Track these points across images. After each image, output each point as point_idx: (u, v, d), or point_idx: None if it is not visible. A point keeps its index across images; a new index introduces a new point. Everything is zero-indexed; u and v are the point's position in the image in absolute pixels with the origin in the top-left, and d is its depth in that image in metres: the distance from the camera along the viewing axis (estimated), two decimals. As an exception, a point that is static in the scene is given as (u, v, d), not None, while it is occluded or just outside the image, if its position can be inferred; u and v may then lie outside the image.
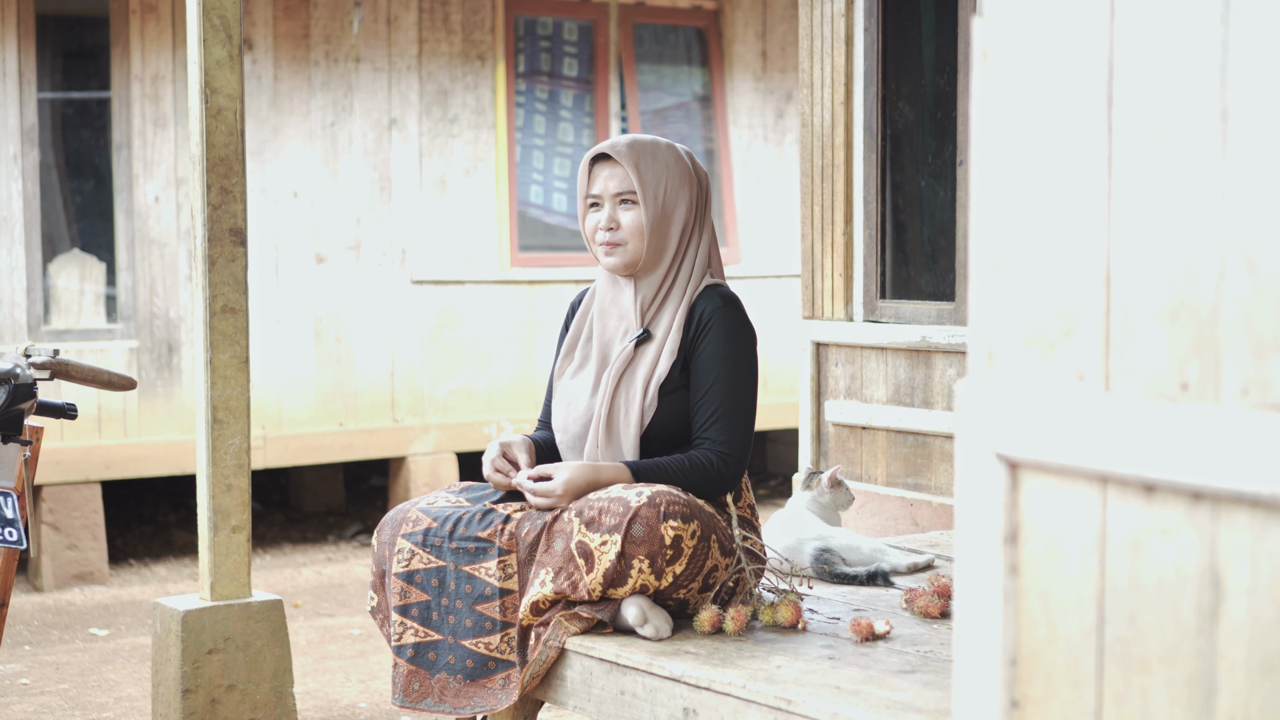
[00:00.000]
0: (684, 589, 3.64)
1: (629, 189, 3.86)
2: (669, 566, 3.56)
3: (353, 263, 9.07)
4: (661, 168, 3.88)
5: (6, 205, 8.22)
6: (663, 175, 3.88)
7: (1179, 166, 1.77)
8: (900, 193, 6.04)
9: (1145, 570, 1.80)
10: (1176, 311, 1.77)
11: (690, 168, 3.94)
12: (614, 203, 3.88)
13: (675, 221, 3.89)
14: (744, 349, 3.83)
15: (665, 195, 3.87)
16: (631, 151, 3.87)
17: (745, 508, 3.86)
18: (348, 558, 8.97)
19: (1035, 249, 1.93)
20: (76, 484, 8.28)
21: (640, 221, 3.85)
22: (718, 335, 3.80)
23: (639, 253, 3.86)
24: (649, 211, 3.85)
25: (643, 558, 3.54)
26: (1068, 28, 1.89)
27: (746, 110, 10.32)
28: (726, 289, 3.91)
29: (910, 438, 5.80)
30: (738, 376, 3.80)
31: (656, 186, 3.86)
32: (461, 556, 3.75)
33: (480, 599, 3.73)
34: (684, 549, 3.57)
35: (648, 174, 3.86)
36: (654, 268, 3.90)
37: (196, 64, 4.82)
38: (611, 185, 3.88)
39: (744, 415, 3.80)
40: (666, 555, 3.54)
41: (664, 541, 3.54)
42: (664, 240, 3.88)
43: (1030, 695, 1.93)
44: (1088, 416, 1.82)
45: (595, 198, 3.92)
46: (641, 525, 3.54)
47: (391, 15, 9.16)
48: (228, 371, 4.86)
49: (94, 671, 6.43)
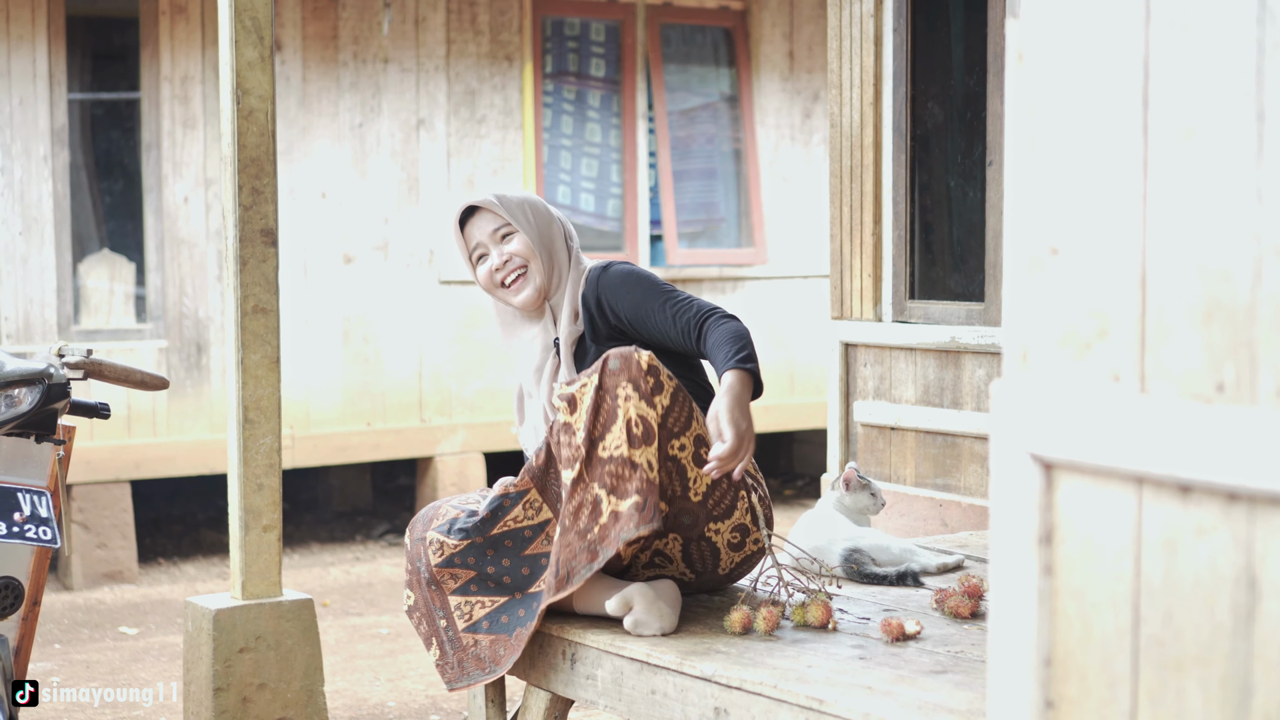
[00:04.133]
0: (678, 440, 3.63)
1: (503, 222, 3.99)
2: (655, 396, 3.58)
3: (381, 263, 9.09)
4: (521, 198, 4.05)
5: (37, 206, 8.26)
6: (525, 203, 4.03)
7: (1214, 167, 1.77)
8: (929, 193, 6.04)
9: (1181, 570, 1.80)
10: (1212, 312, 1.77)
11: (555, 214, 4.10)
12: (496, 240, 4.00)
13: (556, 238, 4.02)
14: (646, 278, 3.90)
15: (535, 216, 4.01)
16: (496, 196, 4.02)
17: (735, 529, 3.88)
18: (375, 557, 8.99)
19: (1070, 249, 1.93)
20: (106, 483, 8.31)
21: (529, 242, 3.97)
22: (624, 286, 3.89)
23: (542, 275, 3.98)
24: (531, 232, 3.98)
25: (625, 383, 3.57)
26: (1103, 29, 1.89)
27: (774, 110, 10.31)
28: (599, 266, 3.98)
29: (939, 438, 5.80)
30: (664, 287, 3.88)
31: (524, 212, 4.01)
32: (485, 525, 3.80)
33: (522, 543, 3.78)
34: (664, 382, 3.60)
35: (512, 204, 4.01)
36: (559, 285, 4.02)
37: (228, 65, 4.84)
38: (488, 226, 4.01)
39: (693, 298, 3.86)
40: (649, 383, 3.58)
41: (641, 366, 3.58)
42: (556, 254, 4.01)
43: (1065, 695, 1.93)
44: (1123, 417, 1.83)
45: (480, 247, 4.03)
46: (616, 359, 3.60)
47: (420, 16, 9.18)
48: (259, 371, 4.88)
49: (124, 670, 6.46)
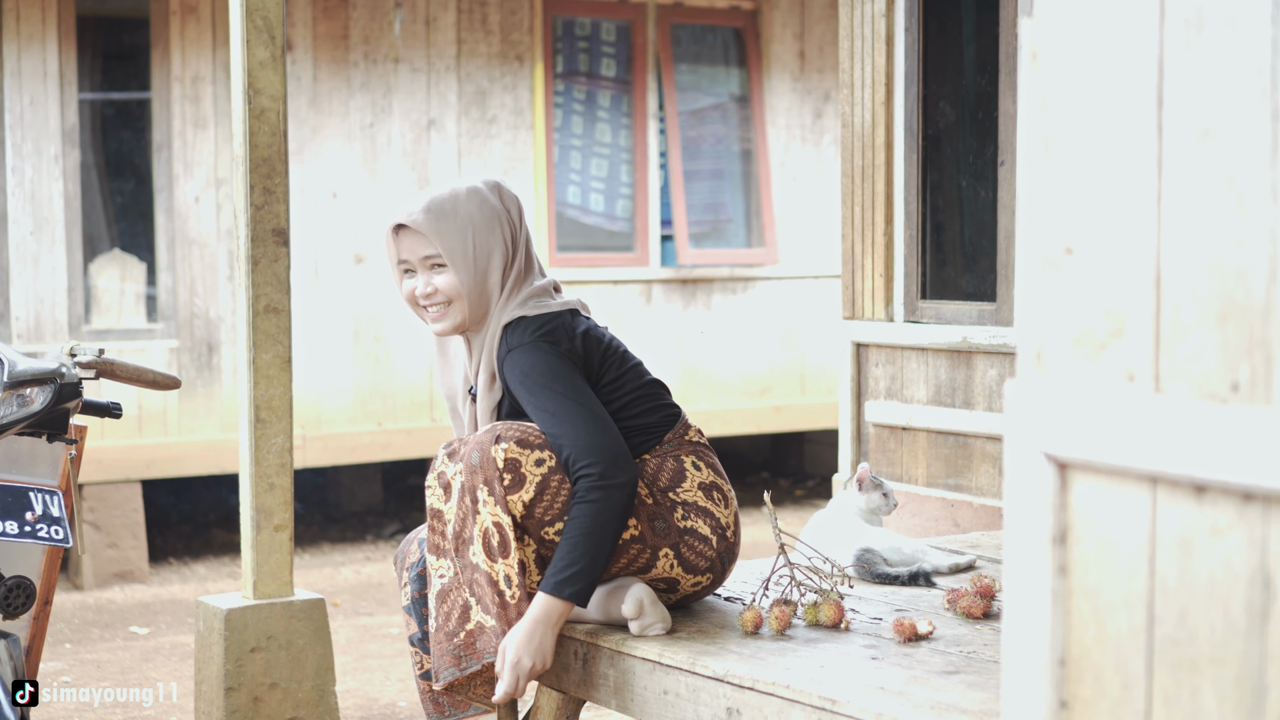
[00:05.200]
0: (554, 526, 3.58)
1: (435, 253, 3.72)
2: (514, 493, 3.52)
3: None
4: (464, 221, 3.72)
5: (47, 205, 8.27)
6: (467, 229, 3.72)
7: (1229, 167, 1.76)
8: (941, 193, 6.03)
9: (1195, 570, 1.80)
10: (1227, 312, 1.77)
11: (498, 205, 3.78)
12: (425, 267, 3.75)
13: (492, 271, 3.74)
14: (543, 376, 3.62)
15: (475, 249, 3.72)
16: (429, 216, 3.71)
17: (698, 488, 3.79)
18: (386, 557, 8.99)
19: (1084, 249, 1.93)
20: (117, 483, 8.32)
21: (456, 284, 3.71)
22: (515, 383, 3.65)
23: (464, 313, 3.74)
24: (462, 273, 3.71)
25: (481, 485, 3.52)
26: (1117, 28, 1.89)
27: (784, 110, 10.31)
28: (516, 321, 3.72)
29: (951, 438, 5.79)
30: (552, 400, 3.59)
31: (464, 244, 3.71)
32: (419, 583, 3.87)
33: None
34: (527, 474, 3.53)
35: (451, 235, 3.71)
36: (482, 322, 3.78)
37: (239, 65, 4.84)
38: (419, 250, 3.74)
39: (578, 423, 3.58)
40: (505, 480, 3.51)
41: (497, 465, 3.51)
42: (485, 294, 3.74)
43: (1079, 696, 1.93)
44: (1138, 417, 1.82)
45: (406, 263, 3.78)
46: (476, 452, 3.54)
47: (430, 16, 9.19)
48: (270, 371, 4.88)
49: (135, 669, 6.47)
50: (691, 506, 3.73)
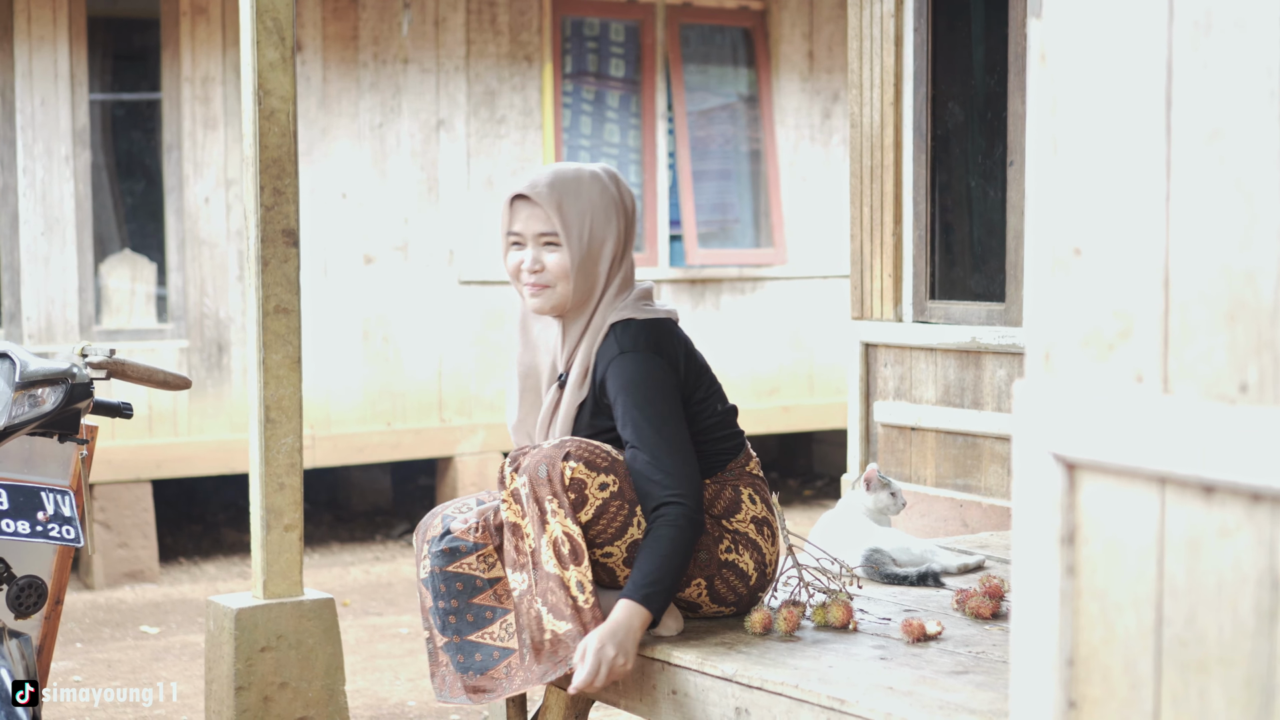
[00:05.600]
0: (604, 549, 3.56)
1: (552, 230, 3.65)
2: (577, 512, 3.50)
3: (400, 263, 9.11)
4: (586, 204, 3.66)
5: (58, 206, 8.28)
6: (586, 213, 3.66)
7: (1238, 168, 1.77)
8: (949, 193, 6.04)
9: (1204, 571, 1.80)
10: (1235, 313, 1.77)
11: (617, 195, 3.72)
12: (537, 243, 3.67)
13: (603, 260, 3.68)
14: (652, 389, 3.60)
15: (591, 233, 3.66)
16: (552, 192, 3.65)
17: (750, 522, 3.77)
18: (395, 557, 9.00)
19: (1093, 250, 1.93)
20: (127, 483, 8.34)
21: (565, 265, 3.64)
22: (620, 387, 3.59)
23: (566, 295, 3.67)
24: (574, 254, 3.64)
25: (549, 497, 3.49)
26: (1126, 29, 1.89)
27: (793, 110, 10.31)
28: (629, 323, 3.67)
29: (960, 439, 5.79)
30: (656, 422, 3.57)
31: (581, 226, 3.65)
32: (441, 559, 3.76)
33: (472, 590, 3.72)
34: (589, 496, 3.50)
35: (571, 214, 3.65)
36: (582, 308, 3.71)
37: (249, 66, 4.85)
38: (535, 225, 3.66)
39: (675, 451, 3.57)
40: (570, 498, 3.49)
41: (563, 481, 3.48)
42: (592, 280, 3.68)
43: (1087, 696, 1.93)
44: (1146, 417, 1.83)
45: (517, 236, 3.70)
46: (544, 465, 3.51)
47: (440, 17, 9.19)
48: (280, 371, 4.89)
49: (145, 669, 6.48)
50: (741, 538, 3.71)
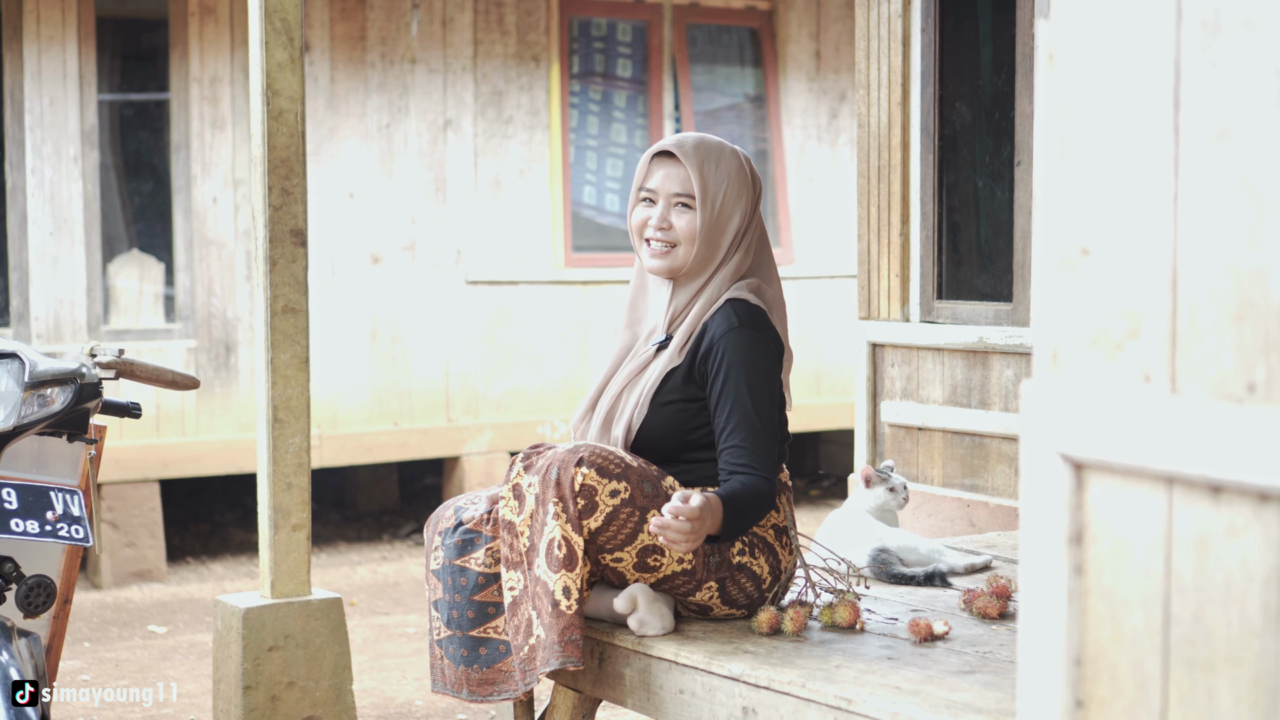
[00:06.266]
0: (612, 554, 3.55)
1: (688, 191, 3.68)
2: (584, 519, 3.48)
3: (408, 263, 9.11)
4: (724, 174, 3.70)
5: (67, 206, 8.29)
6: (724, 182, 3.69)
7: (1246, 168, 1.77)
8: (957, 193, 6.03)
9: (1211, 570, 1.80)
10: (1243, 312, 1.77)
11: (750, 176, 3.75)
12: (669, 203, 3.70)
13: (728, 232, 3.70)
14: (763, 373, 3.61)
15: (723, 203, 3.69)
16: (697, 153, 3.69)
17: (771, 528, 3.76)
18: (402, 556, 9.01)
19: (1100, 250, 1.93)
20: (135, 483, 8.35)
21: (694, 227, 3.67)
22: (734, 360, 3.58)
23: (687, 258, 3.69)
24: (705, 218, 3.67)
25: (555, 500, 3.46)
26: (1134, 29, 1.89)
27: (800, 111, 10.31)
28: (746, 303, 3.67)
29: (967, 439, 5.79)
30: (762, 404, 3.58)
31: (716, 193, 3.68)
32: (453, 551, 3.74)
33: (476, 588, 3.71)
34: (599, 503, 3.47)
35: (710, 179, 3.68)
36: (696, 275, 3.73)
37: (258, 66, 4.86)
38: (671, 185, 3.70)
39: (773, 436, 3.61)
40: (578, 505, 3.46)
41: (573, 487, 3.46)
42: (714, 249, 3.70)
43: (1095, 695, 1.93)
44: (1154, 417, 1.83)
45: (650, 193, 3.74)
46: (556, 469, 3.48)
47: (447, 17, 9.20)
48: (288, 371, 4.89)
49: (153, 668, 6.49)
50: (758, 542, 3.70)
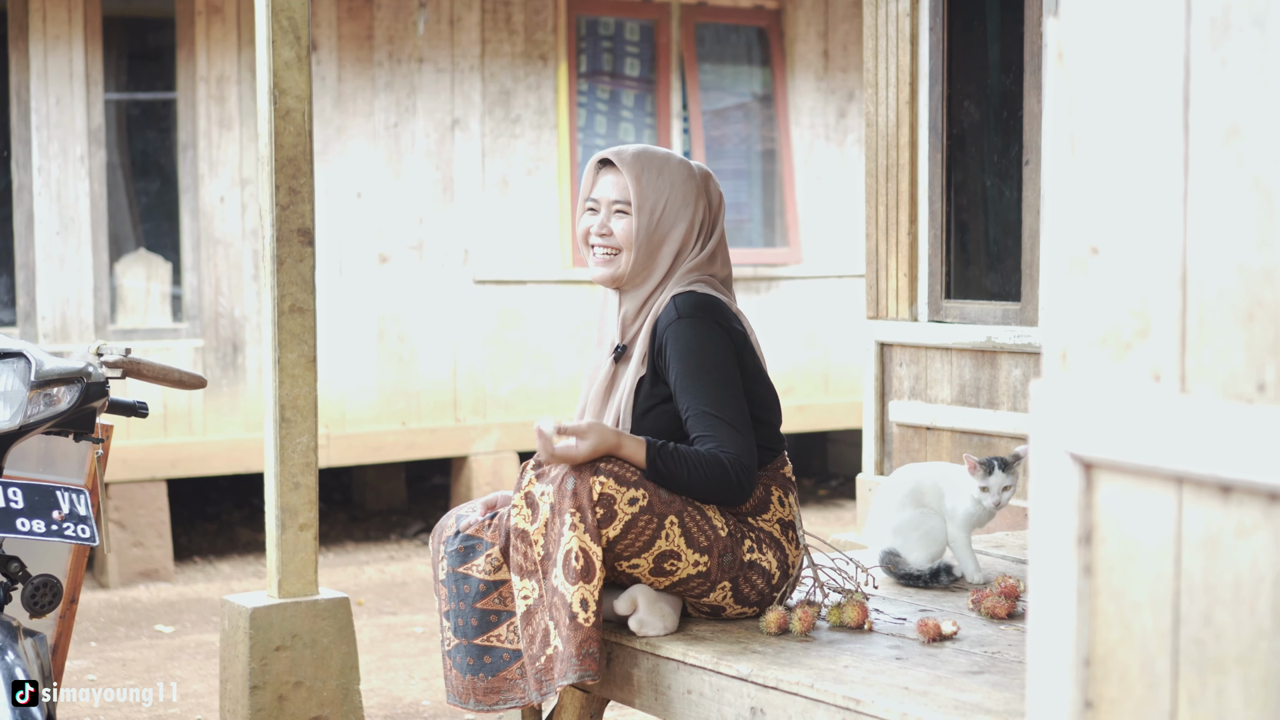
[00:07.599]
0: (629, 561, 3.54)
1: (625, 199, 3.75)
2: (603, 529, 3.47)
3: (415, 263, 9.11)
4: (665, 184, 3.75)
5: (73, 205, 8.30)
6: (664, 192, 3.75)
7: (1256, 166, 1.76)
8: (965, 192, 6.03)
9: (1221, 571, 1.79)
10: (1253, 312, 1.76)
11: (701, 187, 3.80)
12: (610, 210, 3.78)
13: (669, 242, 3.75)
14: (710, 357, 3.62)
15: (662, 213, 3.74)
16: (636, 161, 3.76)
17: (776, 522, 3.77)
18: (410, 556, 9.01)
19: (1110, 249, 1.92)
20: (142, 482, 8.35)
21: (631, 234, 3.73)
22: (678, 352, 3.61)
23: (628, 265, 3.74)
24: (641, 223, 3.72)
25: (573, 510, 3.45)
26: (1143, 27, 1.88)
27: (808, 110, 10.30)
28: (690, 293, 3.70)
29: (975, 438, 5.78)
30: (713, 388, 3.59)
31: (655, 202, 3.73)
32: (455, 559, 3.75)
33: (479, 595, 3.71)
34: (618, 511, 3.47)
35: (647, 186, 3.74)
36: (640, 283, 3.77)
37: (265, 65, 4.86)
38: (611, 192, 3.78)
39: (735, 418, 3.60)
40: (597, 514, 3.46)
41: (591, 497, 3.45)
42: (653, 258, 3.75)
43: (1104, 696, 1.92)
44: (1163, 417, 1.82)
45: (594, 202, 3.81)
46: (572, 479, 3.47)
47: (454, 16, 9.20)
48: (295, 371, 4.89)
49: (160, 668, 6.49)
50: (765, 538, 3.70)
